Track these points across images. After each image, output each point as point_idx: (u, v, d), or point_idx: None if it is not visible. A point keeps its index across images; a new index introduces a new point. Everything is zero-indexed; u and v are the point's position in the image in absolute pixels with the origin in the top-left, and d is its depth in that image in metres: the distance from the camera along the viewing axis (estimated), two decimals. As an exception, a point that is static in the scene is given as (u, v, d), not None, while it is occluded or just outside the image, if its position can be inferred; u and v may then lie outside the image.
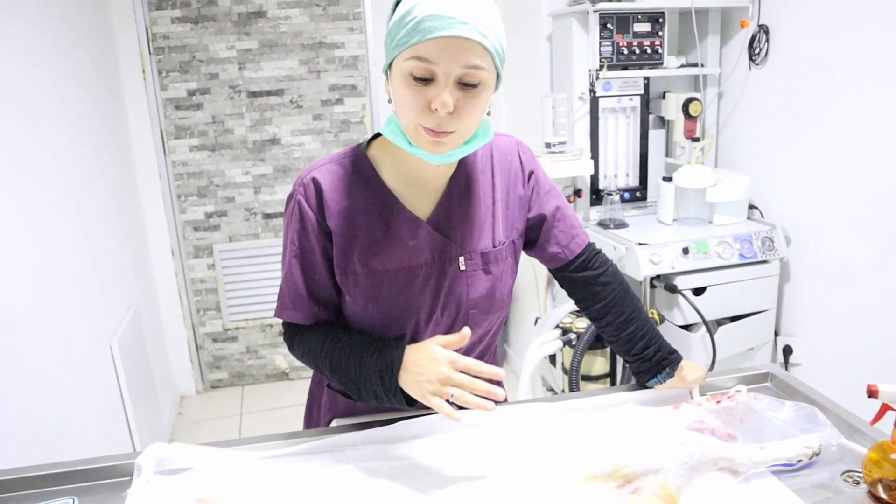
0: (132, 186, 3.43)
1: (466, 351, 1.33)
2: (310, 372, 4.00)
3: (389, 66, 1.09)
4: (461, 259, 1.24)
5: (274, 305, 1.32)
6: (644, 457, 0.98)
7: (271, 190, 3.75)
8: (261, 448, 1.26)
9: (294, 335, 1.30)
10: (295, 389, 3.98)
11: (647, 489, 0.96)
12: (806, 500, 1.05)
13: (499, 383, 1.26)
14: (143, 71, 3.44)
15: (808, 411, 1.26)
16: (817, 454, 1.08)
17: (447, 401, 1.06)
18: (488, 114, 1.13)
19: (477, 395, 1.06)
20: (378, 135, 1.25)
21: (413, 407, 1.16)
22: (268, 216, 3.78)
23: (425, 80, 1.03)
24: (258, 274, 3.84)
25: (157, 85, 3.51)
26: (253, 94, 3.61)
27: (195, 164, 3.65)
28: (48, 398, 2.03)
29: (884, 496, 1.05)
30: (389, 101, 1.11)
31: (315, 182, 1.20)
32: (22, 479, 1.19)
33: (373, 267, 1.21)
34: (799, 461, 1.08)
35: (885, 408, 1.06)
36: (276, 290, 1.32)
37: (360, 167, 1.22)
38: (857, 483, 1.11)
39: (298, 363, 4.03)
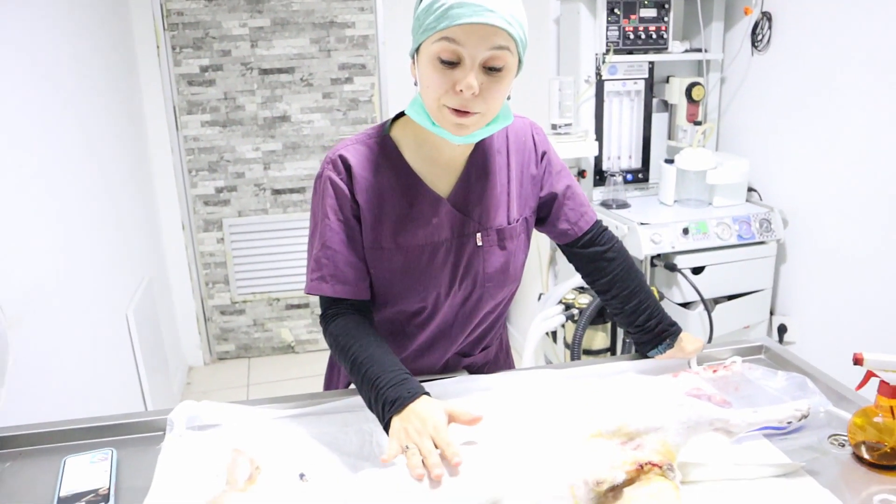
0: (145, 160, 3.50)
1: (479, 322, 1.41)
2: (315, 345, 4.11)
3: (416, 50, 1.16)
4: (478, 235, 1.31)
5: (281, 280, 1.33)
6: (645, 417, 1.07)
7: (280, 166, 3.82)
8: (285, 407, 1.34)
9: (330, 321, 1.28)
10: (300, 362, 4.07)
11: (648, 446, 1.05)
12: (795, 460, 1.14)
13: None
14: (158, 47, 3.50)
15: (798, 380, 1.34)
16: (805, 416, 1.16)
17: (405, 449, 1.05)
18: (508, 98, 1.20)
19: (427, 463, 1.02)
20: (399, 116, 1.32)
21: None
22: (277, 192, 3.85)
23: (452, 64, 1.10)
24: (266, 248, 3.92)
25: (170, 61, 3.57)
26: (264, 72, 3.67)
27: (206, 139, 3.72)
28: (71, 361, 2.12)
29: (867, 457, 1.14)
30: (415, 84, 1.18)
31: (343, 158, 1.26)
32: (66, 430, 1.28)
33: (399, 243, 1.28)
34: (789, 423, 1.17)
35: (869, 374, 1.14)
36: (284, 265, 1.34)
37: (384, 147, 1.29)
38: (843, 446, 1.20)
39: (304, 337, 4.12)
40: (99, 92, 2.77)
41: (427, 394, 1.14)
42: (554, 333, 3.03)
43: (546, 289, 3.28)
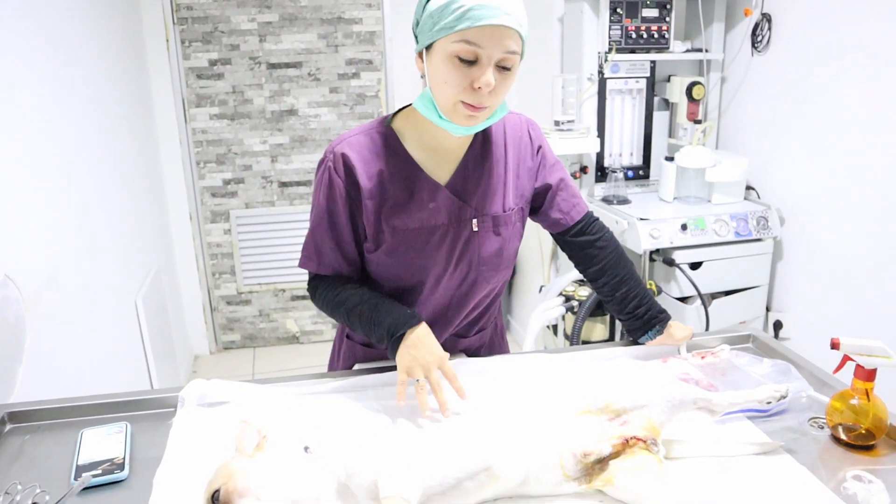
0: (154, 152, 3.57)
1: (475, 305, 1.48)
2: (320, 336, 4.18)
3: (427, 47, 1.22)
4: (475, 221, 1.38)
5: (287, 271, 1.46)
6: (632, 395, 1.13)
7: (287, 159, 3.88)
8: (291, 386, 1.41)
9: (318, 284, 1.43)
10: (305, 353, 4.13)
11: (634, 422, 1.11)
12: (775, 440, 1.20)
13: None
14: (167, 41, 3.57)
15: (783, 367, 1.40)
16: (784, 397, 1.22)
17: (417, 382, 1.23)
18: None
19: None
20: (401, 109, 1.39)
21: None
22: (283, 184, 3.91)
23: (469, 62, 1.18)
24: (273, 240, 3.98)
25: (179, 54, 3.63)
26: (272, 66, 3.73)
27: (215, 132, 3.78)
28: (84, 344, 2.18)
29: (844, 437, 1.20)
30: (422, 77, 1.26)
31: (344, 156, 1.33)
32: (82, 406, 1.35)
33: (397, 226, 1.35)
34: (769, 403, 1.22)
35: (845, 358, 1.20)
36: (290, 256, 1.47)
37: (386, 138, 1.36)
38: (822, 428, 1.26)
39: (309, 328, 4.19)
40: (110, 84, 2.84)
41: (423, 320, 1.31)
42: (555, 327, 3.09)
43: (547, 281, 3.34)
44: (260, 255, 4.02)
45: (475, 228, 1.39)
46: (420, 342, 1.26)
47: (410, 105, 1.36)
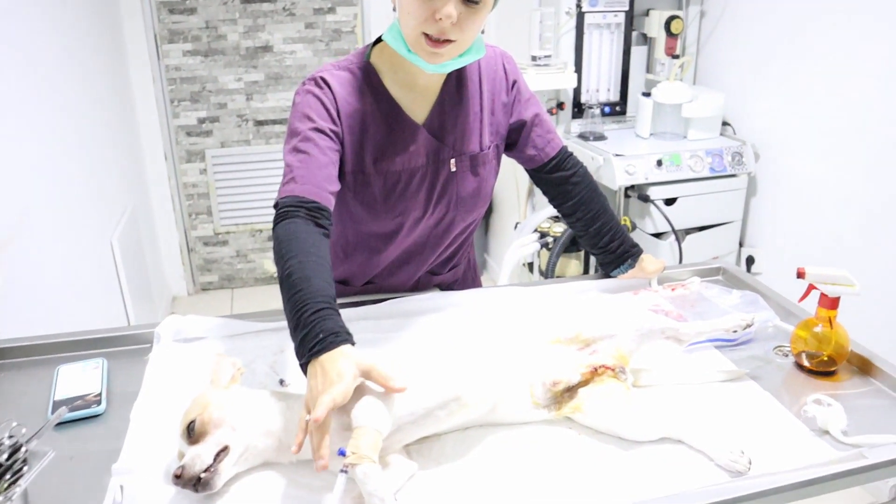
0: (126, 89, 3.50)
1: (450, 242, 1.48)
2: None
3: None
4: (452, 161, 1.37)
5: (264, 211, 1.33)
6: (601, 324, 1.15)
7: (263, 97, 3.82)
8: (265, 320, 1.41)
9: (280, 220, 1.18)
10: (283, 293, 4.14)
11: (604, 351, 1.13)
12: (741, 368, 1.23)
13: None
14: (136, -27, 3.46)
15: (751, 298, 1.43)
16: (750, 326, 1.24)
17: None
18: (482, 32, 1.24)
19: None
20: (378, 41, 1.35)
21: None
22: (259, 123, 3.86)
23: None
24: (249, 180, 3.94)
25: (149, -12, 3.53)
26: (246, 0, 3.64)
27: (188, 69, 3.70)
28: (59, 283, 2.17)
29: (807, 364, 1.24)
30: (394, 10, 1.22)
31: (326, 82, 1.29)
32: (58, 343, 1.35)
33: (379, 168, 1.32)
34: (735, 332, 1.25)
35: (810, 287, 1.23)
36: (266, 196, 1.33)
37: (366, 74, 1.32)
38: (787, 356, 1.29)
39: (288, 267, 4.18)
40: (80, 20, 2.76)
41: (348, 340, 1.02)
42: (530, 265, 3.12)
43: (523, 218, 3.35)
44: (236, 195, 3.98)
45: (453, 168, 1.37)
46: (327, 372, 0.97)
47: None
